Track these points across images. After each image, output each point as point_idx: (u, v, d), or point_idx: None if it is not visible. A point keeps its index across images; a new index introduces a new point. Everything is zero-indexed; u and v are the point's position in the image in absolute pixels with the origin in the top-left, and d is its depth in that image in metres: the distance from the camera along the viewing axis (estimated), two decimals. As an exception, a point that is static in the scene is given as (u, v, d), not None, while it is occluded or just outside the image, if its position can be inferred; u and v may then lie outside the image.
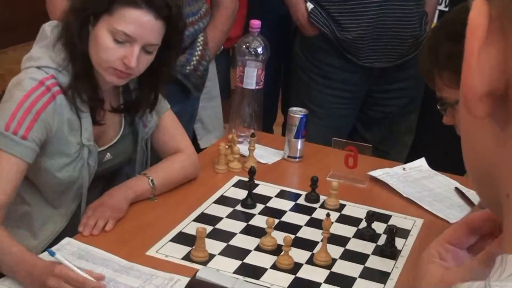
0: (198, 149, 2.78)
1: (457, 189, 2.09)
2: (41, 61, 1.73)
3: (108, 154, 1.90)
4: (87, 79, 1.76)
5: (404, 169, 2.20)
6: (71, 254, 1.61)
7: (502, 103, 0.56)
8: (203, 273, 1.51)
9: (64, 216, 1.82)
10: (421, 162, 2.25)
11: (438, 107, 1.56)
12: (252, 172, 1.94)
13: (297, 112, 2.23)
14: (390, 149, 2.77)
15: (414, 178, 2.16)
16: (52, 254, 1.46)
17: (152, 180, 1.91)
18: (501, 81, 0.55)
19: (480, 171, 0.60)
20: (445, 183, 2.14)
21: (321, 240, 1.71)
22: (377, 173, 2.14)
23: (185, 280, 1.54)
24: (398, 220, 1.92)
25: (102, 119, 1.83)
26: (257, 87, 2.32)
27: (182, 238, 1.75)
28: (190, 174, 2.03)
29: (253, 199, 1.94)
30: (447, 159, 2.33)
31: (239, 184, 2.07)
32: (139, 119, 1.95)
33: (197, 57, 2.50)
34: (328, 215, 1.69)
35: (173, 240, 1.75)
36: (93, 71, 1.77)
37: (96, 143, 1.83)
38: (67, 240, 1.71)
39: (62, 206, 1.81)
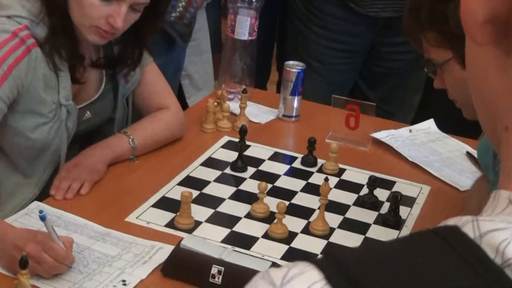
0: (186, 108, 2.77)
1: (468, 153, 2.09)
2: (12, 10, 1.69)
3: (88, 112, 1.88)
4: (66, 34, 1.73)
5: (410, 131, 2.20)
6: (40, 219, 1.58)
7: (506, 30, 0.55)
8: (188, 241, 1.51)
9: (35, 186, 1.79)
10: (430, 124, 2.24)
11: (426, 70, 1.55)
12: (243, 132, 1.92)
13: (294, 66, 2.21)
14: (395, 110, 2.76)
15: (421, 141, 2.15)
16: (43, 218, 1.41)
17: (132, 139, 1.89)
18: (504, 6, 0.54)
19: (484, 101, 0.60)
20: (455, 147, 2.14)
21: (318, 208, 1.71)
22: (381, 135, 2.13)
23: (168, 248, 1.54)
24: (403, 186, 1.92)
25: (82, 77, 1.81)
26: (249, 38, 2.29)
27: (165, 204, 1.74)
28: (175, 134, 2.01)
29: (243, 161, 1.92)
30: (458, 121, 2.32)
31: (228, 145, 2.06)
32: (120, 74, 1.92)
33: (183, 3, 2.46)
34: (326, 179, 1.68)
35: (155, 205, 1.74)
36: (72, 25, 1.74)
37: (74, 99, 1.80)
38: (35, 204, 1.69)
39: (33, 174, 1.78)
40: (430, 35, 1.50)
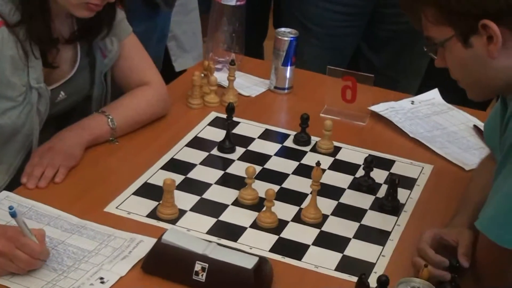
0: (173, 73, 2.77)
1: (476, 127, 2.09)
2: None
3: (62, 93, 1.89)
4: (40, 15, 1.73)
5: (412, 102, 2.20)
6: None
7: None
8: (170, 235, 1.52)
9: (6, 173, 1.80)
10: (434, 94, 2.23)
11: (425, 49, 1.55)
12: (230, 110, 1.93)
13: (286, 34, 2.20)
14: (400, 75, 2.75)
15: (424, 114, 2.15)
16: (14, 215, 1.42)
17: (112, 119, 1.90)
18: None
19: None
20: (461, 120, 2.14)
21: (311, 193, 1.72)
22: (380, 108, 2.14)
23: (149, 241, 1.56)
24: (403, 166, 1.92)
25: (54, 61, 1.81)
26: (238, 3, 2.28)
27: (148, 191, 1.76)
28: (158, 112, 2.02)
29: (231, 141, 1.94)
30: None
31: (216, 122, 2.07)
32: (96, 48, 1.92)
33: None
34: (318, 163, 1.69)
35: (137, 193, 1.75)
36: (48, 7, 1.74)
37: (46, 80, 1.80)
38: (4, 194, 1.69)
39: (3, 160, 1.79)
40: (429, 12, 1.50)
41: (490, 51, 1.44)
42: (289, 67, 2.21)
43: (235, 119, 2.04)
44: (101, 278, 1.48)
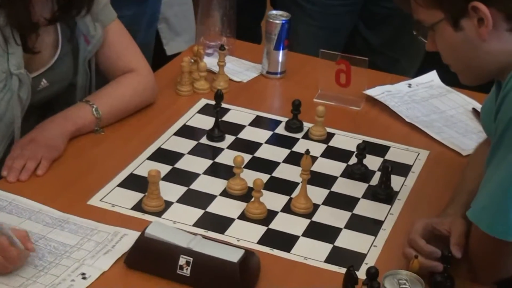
0: (164, 57, 2.77)
1: (475, 110, 2.08)
2: None
3: (44, 80, 1.89)
4: (20, 3, 1.73)
5: (409, 85, 2.19)
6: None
7: None
8: (153, 229, 1.53)
9: None
10: (432, 76, 2.22)
11: (415, 32, 1.55)
12: (219, 97, 1.93)
13: (277, 17, 2.19)
14: (400, 55, 2.74)
15: (422, 97, 2.14)
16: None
17: (96, 109, 1.90)
18: None
19: None
20: (460, 102, 2.13)
21: (301, 182, 1.72)
22: (376, 92, 2.13)
23: (133, 235, 1.57)
24: (398, 152, 1.92)
25: (34, 46, 1.81)
26: (228, -15, 2.28)
27: (133, 182, 1.76)
28: (145, 100, 2.02)
29: (221, 129, 1.94)
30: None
31: (206, 110, 2.07)
32: (79, 35, 1.92)
33: None
34: (307, 152, 1.69)
35: (122, 185, 1.75)
36: None
37: (27, 67, 1.80)
38: (-18, 188, 1.70)
39: None
40: None
41: (481, 33, 1.44)
42: (281, 51, 2.21)
43: (225, 106, 2.05)
44: (83, 274, 1.49)
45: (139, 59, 2.04)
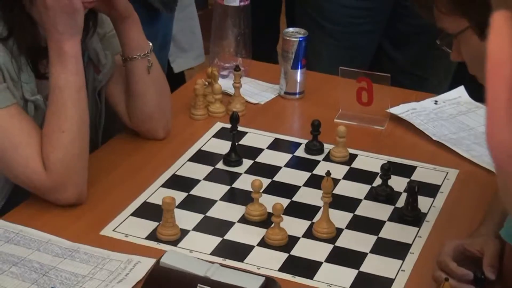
0: (173, 76, 2.78)
1: (505, 126, 2.09)
2: None
3: None
4: (25, 24, 1.76)
5: (436, 102, 2.20)
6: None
7: None
8: (169, 258, 1.54)
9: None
10: (459, 92, 2.23)
11: (438, 42, 1.55)
12: (234, 119, 1.94)
13: (294, 35, 2.21)
14: (428, 73, 2.74)
15: (449, 114, 2.15)
16: None
17: None
18: None
19: None
20: (490, 119, 2.13)
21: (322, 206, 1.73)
22: (400, 110, 2.14)
23: (147, 262, 1.58)
24: (425, 172, 1.93)
25: (46, 71, 1.82)
26: (242, 3, 2.30)
27: (147, 211, 1.77)
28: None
29: (238, 153, 1.95)
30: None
31: (222, 133, 2.08)
32: (89, 64, 1.94)
33: None
34: (328, 173, 1.70)
35: (136, 214, 1.77)
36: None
37: (40, 94, 1.82)
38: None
39: None
40: (440, 1, 1.50)
41: None
42: (299, 70, 2.22)
43: (242, 129, 2.06)
44: (97, 305, 1.50)
45: None
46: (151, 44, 1.99)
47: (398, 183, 1.87)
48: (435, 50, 2.75)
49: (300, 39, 2.20)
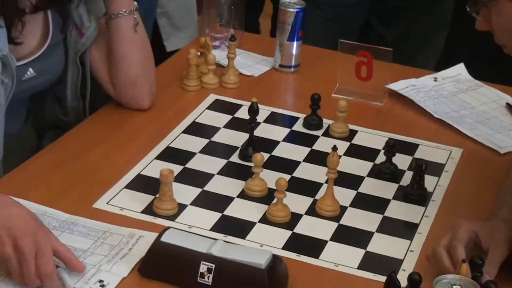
0: (164, 54, 2.74)
1: (509, 105, 2.07)
2: None
3: (30, 69, 1.83)
4: None
5: (435, 79, 2.17)
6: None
7: None
8: (170, 236, 1.48)
9: None
10: (459, 69, 2.21)
11: (468, 8, 1.51)
12: (253, 111, 1.81)
13: (291, 5, 2.16)
14: (415, 51, 2.74)
15: (450, 91, 2.13)
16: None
17: None
18: None
19: None
20: (492, 97, 2.11)
21: (326, 182, 1.70)
22: (399, 86, 2.11)
23: (150, 236, 1.53)
24: (428, 151, 1.90)
25: (19, 36, 1.76)
26: (235, -28, 2.26)
27: (142, 184, 1.73)
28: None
29: (255, 148, 1.83)
30: (495, 64, 2.30)
31: (216, 105, 2.04)
32: (72, 25, 1.87)
33: None
34: (334, 148, 1.66)
35: (130, 186, 1.72)
36: None
37: (12, 54, 1.75)
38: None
39: None
40: None
41: None
42: (295, 42, 2.19)
43: (236, 101, 2.04)
44: (101, 281, 1.44)
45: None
46: (136, 3, 1.94)
47: (401, 160, 1.83)
48: (422, 27, 2.79)
49: (298, 9, 2.16)
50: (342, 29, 2.68)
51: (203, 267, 1.44)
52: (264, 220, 1.64)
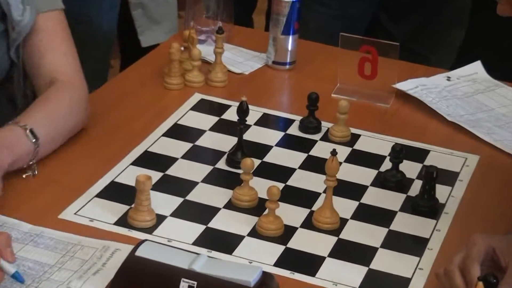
0: (139, 50, 2.74)
1: (531, 108, 2.08)
2: None
3: None
4: None
5: (449, 78, 2.17)
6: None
7: None
8: (146, 249, 1.46)
9: None
10: (476, 68, 2.22)
11: None
12: (243, 111, 1.80)
13: (287, -5, 2.17)
14: (428, 51, 2.76)
15: (465, 92, 2.13)
16: None
17: (31, 130, 1.72)
18: None
19: None
20: (512, 98, 2.12)
21: (324, 191, 1.69)
22: (408, 86, 2.11)
23: (127, 249, 1.51)
24: (440, 157, 1.90)
25: None
26: (224, -42, 2.27)
27: (115, 192, 1.73)
28: (79, 124, 1.87)
29: (245, 152, 1.82)
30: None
31: (201, 106, 2.05)
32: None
33: None
34: (334, 153, 1.64)
35: (101, 195, 1.72)
36: None
37: None
38: None
39: None
40: None
41: None
42: (291, 36, 2.19)
43: (224, 101, 2.04)
44: (70, 300, 1.44)
45: (73, 67, 1.92)
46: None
47: (408, 168, 1.83)
48: (436, 24, 2.80)
49: (294, 0, 2.15)
50: (346, 25, 2.68)
51: (183, 285, 1.42)
52: (254, 233, 1.64)
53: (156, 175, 1.75)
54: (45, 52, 1.89)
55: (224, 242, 1.61)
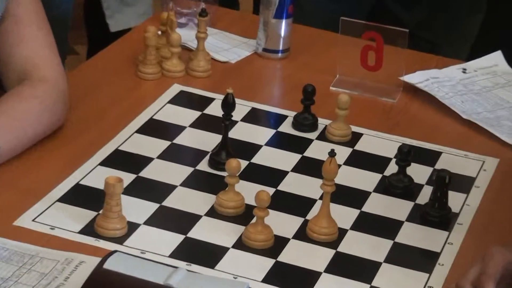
0: (107, 35, 2.75)
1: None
2: None
3: None
4: None
5: (464, 70, 2.19)
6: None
7: None
8: (115, 262, 1.47)
9: None
10: (496, 59, 2.24)
11: None
12: (229, 105, 1.82)
13: (279, -25, 2.19)
14: (441, 39, 2.77)
15: (483, 86, 2.15)
16: None
17: None
18: None
19: None
20: (537, 93, 2.14)
21: (320, 197, 1.70)
22: (417, 79, 2.13)
23: (93, 261, 1.52)
24: (453, 160, 1.92)
25: None
26: None
27: (81, 196, 1.74)
28: (56, 121, 1.89)
29: (230, 153, 1.84)
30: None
31: (180, 99, 2.07)
32: None
33: None
34: (332, 153, 1.65)
35: (64, 199, 1.73)
36: None
37: None
38: None
39: None
40: None
41: None
42: (284, 21, 2.21)
43: (207, 94, 2.06)
44: (26, 319, 1.46)
45: (51, 60, 1.94)
46: None
47: (417, 172, 1.85)
48: (451, 9, 2.81)
49: (287, -20, 2.19)
50: (348, 10, 2.70)
51: (158, 303, 1.44)
52: (240, 245, 1.65)
53: (128, 177, 1.77)
54: (19, 41, 1.91)
55: (206, 255, 1.62)
